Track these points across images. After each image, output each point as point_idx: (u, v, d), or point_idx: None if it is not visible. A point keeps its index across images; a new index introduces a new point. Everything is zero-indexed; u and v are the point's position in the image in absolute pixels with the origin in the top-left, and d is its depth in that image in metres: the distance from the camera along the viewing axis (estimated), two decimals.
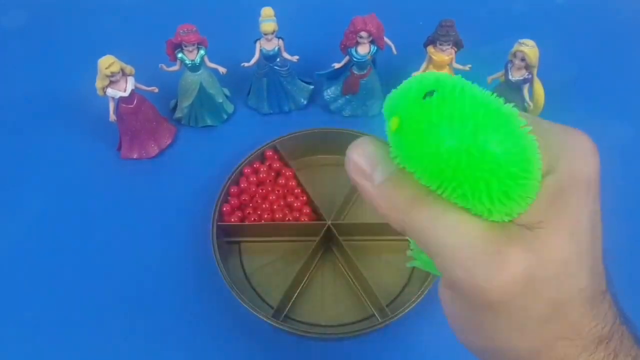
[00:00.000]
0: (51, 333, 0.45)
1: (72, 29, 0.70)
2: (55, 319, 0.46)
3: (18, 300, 0.47)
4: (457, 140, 0.17)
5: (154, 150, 0.56)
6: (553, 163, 0.20)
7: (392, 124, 0.19)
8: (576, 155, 0.21)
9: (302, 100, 0.60)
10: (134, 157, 0.55)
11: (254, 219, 0.50)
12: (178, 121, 0.59)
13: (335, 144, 0.53)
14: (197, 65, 0.54)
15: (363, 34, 0.52)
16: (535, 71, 0.50)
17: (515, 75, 0.51)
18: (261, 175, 0.52)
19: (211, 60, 0.55)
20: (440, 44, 0.53)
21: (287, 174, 0.53)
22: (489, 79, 0.54)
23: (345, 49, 0.54)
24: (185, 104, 0.57)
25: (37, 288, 0.48)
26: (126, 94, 0.51)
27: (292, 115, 0.60)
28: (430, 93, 0.19)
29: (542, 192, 0.20)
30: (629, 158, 0.54)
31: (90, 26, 0.70)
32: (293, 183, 0.52)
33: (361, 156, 0.20)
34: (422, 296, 0.43)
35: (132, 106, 0.52)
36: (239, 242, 0.50)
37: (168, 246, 0.50)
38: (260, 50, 0.54)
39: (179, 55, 0.53)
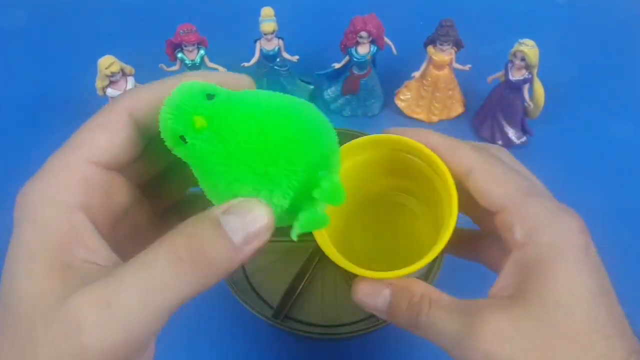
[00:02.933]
0: None
1: (72, 29, 0.70)
2: None
3: None
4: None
5: None
6: (532, 236, 0.22)
7: (198, 122, 0.20)
8: (562, 231, 0.22)
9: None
10: None
11: None
12: None
13: None
14: (197, 65, 0.54)
15: (363, 33, 0.52)
16: (535, 71, 0.50)
17: (516, 75, 0.51)
18: None
19: (211, 60, 0.55)
20: (440, 44, 0.53)
21: None
22: (489, 79, 0.54)
23: (345, 49, 0.54)
24: None
25: None
26: None
27: None
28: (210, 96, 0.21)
29: (517, 263, 0.22)
30: (629, 158, 0.54)
31: (90, 26, 0.70)
32: None
33: (364, 298, 0.25)
34: None
35: None
36: None
37: None
38: (260, 50, 0.54)
39: (179, 55, 0.53)
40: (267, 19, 0.52)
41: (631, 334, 0.21)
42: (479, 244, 0.29)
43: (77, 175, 0.19)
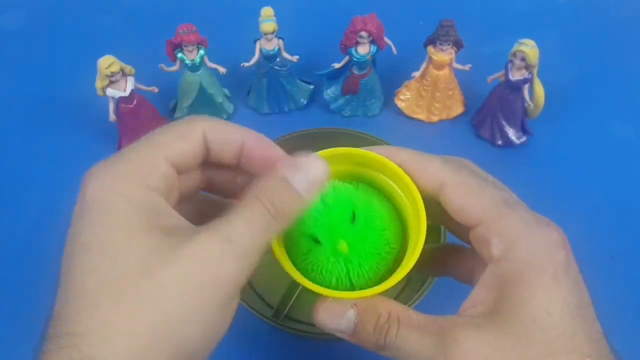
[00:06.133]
0: None
1: (72, 29, 0.70)
2: None
3: (18, 300, 0.47)
4: None
5: None
6: (509, 251, 0.22)
7: (343, 247, 0.25)
8: (540, 246, 0.21)
9: (302, 100, 0.60)
10: None
11: None
12: None
13: (335, 144, 0.53)
14: (197, 65, 0.54)
15: (363, 33, 0.52)
16: (535, 71, 0.50)
17: (515, 75, 0.51)
18: None
19: (211, 60, 0.55)
20: (440, 44, 0.53)
21: None
22: (489, 79, 0.54)
23: (345, 49, 0.54)
24: (185, 104, 0.57)
25: (38, 288, 0.47)
26: (126, 94, 0.51)
27: (292, 115, 0.60)
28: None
29: (493, 278, 0.22)
30: (630, 158, 0.54)
31: (90, 26, 0.70)
32: None
33: (326, 320, 0.24)
34: (422, 297, 0.42)
35: (132, 106, 0.52)
36: None
37: None
38: (260, 50, 0.54)
39: (179, 55, 0.53)
40: (267, 19, 0.52)
41: (608, 352, 0.20)
42: (447, 259, 0.28)
43: (158, 169, 0.22)
